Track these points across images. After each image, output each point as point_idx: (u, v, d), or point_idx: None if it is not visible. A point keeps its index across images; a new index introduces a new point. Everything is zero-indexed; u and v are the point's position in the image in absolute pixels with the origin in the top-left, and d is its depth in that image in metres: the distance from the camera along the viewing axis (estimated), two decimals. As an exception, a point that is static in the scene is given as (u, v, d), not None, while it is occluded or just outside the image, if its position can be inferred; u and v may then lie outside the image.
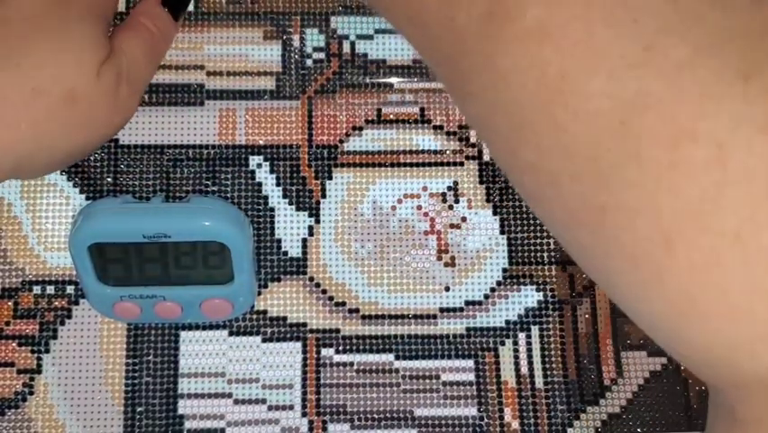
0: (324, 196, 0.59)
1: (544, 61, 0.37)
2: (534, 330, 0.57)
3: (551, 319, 0.58)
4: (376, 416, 0.56)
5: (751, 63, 0.34)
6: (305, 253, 0.58)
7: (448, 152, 0.60)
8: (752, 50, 0.35)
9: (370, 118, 0.60)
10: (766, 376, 0.36)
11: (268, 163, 0.59)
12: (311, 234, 0.58)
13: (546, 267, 0.58)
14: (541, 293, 0.58)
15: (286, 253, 0.58)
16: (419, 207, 0.59)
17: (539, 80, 0.37)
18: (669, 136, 0.34)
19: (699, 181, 0.34)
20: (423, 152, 0.60)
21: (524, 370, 0.57)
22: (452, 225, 0.59)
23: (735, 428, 0.38)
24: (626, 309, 0.41)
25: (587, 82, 0.36)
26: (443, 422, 0.56)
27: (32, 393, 0.55)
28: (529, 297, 0.58)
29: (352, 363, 0.57)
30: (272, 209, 0.58)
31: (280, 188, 0.59)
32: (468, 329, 0.57)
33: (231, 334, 0.57)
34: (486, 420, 0.56)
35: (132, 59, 0.54)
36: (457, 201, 0.59)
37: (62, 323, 0.56)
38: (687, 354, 0.39)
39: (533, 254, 0.58)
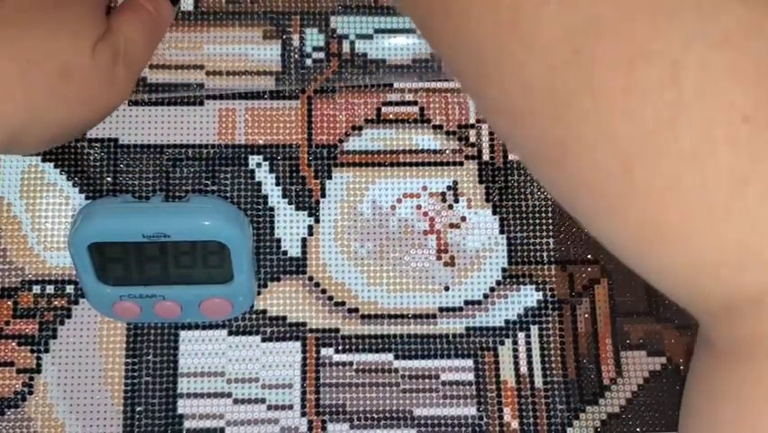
0: (323, 195, 0.59)
1: None
2: (534, 330, 0.57)
3: (550, 319, 0.58)
4: (375, 415, 0.56)
5: None
6: (304, 252, 0.58)
7: (448, 151, 0.60)
8: None
9: (369, 118, 0.60)
10: (733, 300, 0.36)
11: (267, 163, 0.59)
12: (311, 233, 0.58)
13: (546, 267, 0.58)
14: (540, 293, 0.58)
15: (285, 253, 0.58)
16: (419, 207, 0.59)
17: (493, 17, 0.37)
18: (622, 60, 0.34)
19: (654, 103, 0.34)
20: (422, 151, 0.60)
21: (523, 369, 0.57)
22: (451, 225, 0.59)
23: (712, 357, 0.38)
24: (599, 238, 0.41)
25: (538, 11, 0.36)
26: (443, 422, 0.56)
27: (31, 393, 0.55)
28: (529, 296, 0.58)
29: (351, 363, 0.57)
30: (272, 209, 0.58)
31: (280, 187, 0.59)
32: (467, 329, 0.57)
33: (230, 333, 0.57)
34: (485, 420, 0.56)
35: (129, 39, 0.54)
36: (457, 201, 0.59)
37: (62, 322, 0.56)
38: (658, 280, 0.39)
39: (532, 254, 0.58)
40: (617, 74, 0.34)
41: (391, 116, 0.60)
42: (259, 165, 0.59)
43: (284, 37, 0.60)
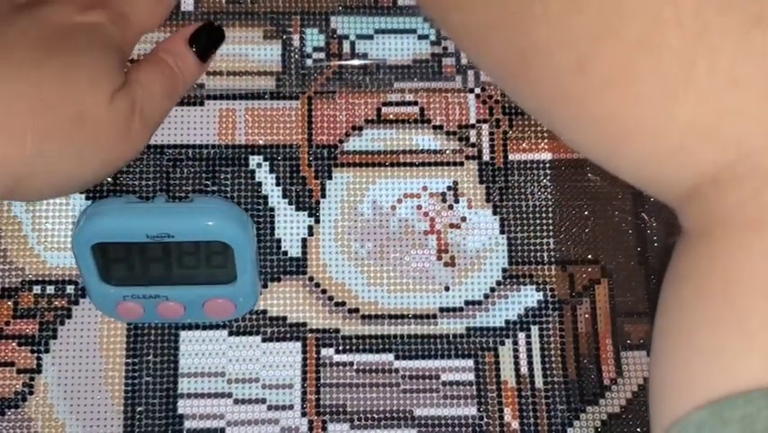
0: (323, 196, 0.59)
1: None
2: (534, 330, 0.58)
3: (551, 319, 0.58)
4: (376, 416, 0.56)
5: None
6: (304, 252, 0.58)
7: (448, 151, 0.60)
8: None
9: (369, 118, 0.60)
10: (695, 183, 0.36)
11: (267, 163, 0.59)
12: (311, 233, 0.58)
13: (546, 267, 0.58)
14: (541, 293, 0.58)
15: (286, 253, 0.58)
16: (419, 207, 0.59)
17: None
18: None
19: None
20: (423, 151, 0.60)
21: (523, 370, 0.57)
22: (451, 225, 0.59)
23: (683, 242, 0.39)
24: (574, 146, 0.42)
25: None
26: (443, 422, 0.56)
27: (31, 393, 0.55)
28: (529, 297, 0.58)
29: (351, 363, 0.57)
30: (272, 209, 0.58)
31: (280, 187, 0.59)
32: (468, 329, 0.58)
33: (231, 334, 0.57)
34: (486, 420, 0.56)
35: (147, 92, 0.53)
36: (457, 201, 0.59)
37: (62, 323, 0.56)
38: (630, 175, 0.40)
39: (533, 254, 0.59)
40: None
41: (391, 117, 0.60)
42: (259, 165, 0.59)
43: (284, 37, 0.60)
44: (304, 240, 0.58)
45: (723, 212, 0.36)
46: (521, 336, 0.57)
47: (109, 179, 0.58)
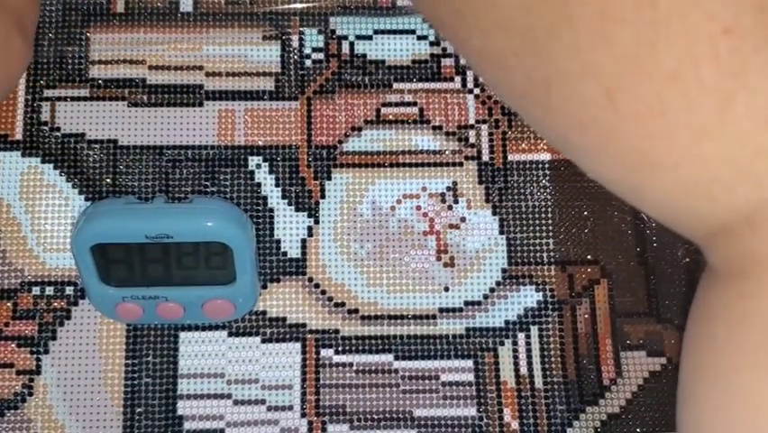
0: (323, 196, 0.59)
1: None
2: (534, 330, 0.58)
3: (550, 320, 0.58)
4: (375, 416, 0.56)
5: None
6: (304, 253, 0.58)
7: (447, 152, 0.60)
8: None
9: (369, 119, 0.60)
10: (727, 220, 0.35)
11: (267, 164, 0.59)
12: (310, 234, 0.58)
13: (546, 267, 0.58)
14: (540, 293, 0.58)
15: (285, 254, 0.58)
16: (418, 208, 0.59)
17: None
18: None
19: (631, 26, 0.33)
20: (422, 152, 0.60)
21: (523, 370, 0.57)
22: (451, 226, 0.59)
23: (710, 281, 0.38)
24: (593, 176, 0.41)
25: None
26: (443, 423, 0.56)
27: (31, 394, 0.55)
28: (528, 297, 0.58)
29: (351, 364, 0.57)
30: (271, 210, 0.58)
31: (279, 188, 0.58)
32: (467, 329, 0.57)
33: (230, 334, 0.57)
34: (485, 421, 0.56)
35: (18, 13, 0.54)
36: (456, 201, 0.59)
37: (61, 324, 0.56)
38: (655, 210, 0.39)
39: (532, 254, 0.59)
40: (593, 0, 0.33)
41: (391, 117, 0.60)
42: (258, 166, 0.59)
43: (283, 38, 0.60)
44: (303, 241, 0.58)
45: (757, 251, 0.35)
46: (521, 336, 0.57)
47: (108, 180, 0.58)
